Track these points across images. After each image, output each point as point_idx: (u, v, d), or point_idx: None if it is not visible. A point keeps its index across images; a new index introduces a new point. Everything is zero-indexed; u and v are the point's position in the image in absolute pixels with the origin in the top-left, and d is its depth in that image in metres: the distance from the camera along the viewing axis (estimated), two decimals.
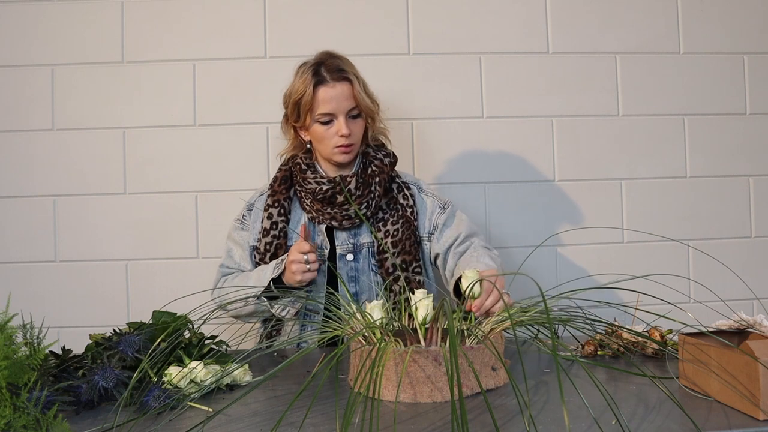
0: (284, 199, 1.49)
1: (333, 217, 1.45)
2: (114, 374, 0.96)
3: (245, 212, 1.55)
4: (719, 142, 1.99)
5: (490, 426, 0.80)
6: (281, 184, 1.51)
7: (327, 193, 1.44)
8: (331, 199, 1.45)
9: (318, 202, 1.47)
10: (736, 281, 1.72)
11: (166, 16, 1.89)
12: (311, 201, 1.47)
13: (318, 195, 1.45)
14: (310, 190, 1.46)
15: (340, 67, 1.45)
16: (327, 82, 1.42)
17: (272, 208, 1.48)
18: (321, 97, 1.42)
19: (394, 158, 1.55)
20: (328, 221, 1.46)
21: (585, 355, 1.17)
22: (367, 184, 1.47)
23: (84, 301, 1.86)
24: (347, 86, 1.44)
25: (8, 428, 0.78)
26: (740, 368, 0.81)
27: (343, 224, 1.46)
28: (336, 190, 1.44)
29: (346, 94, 1.43)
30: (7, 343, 0.86)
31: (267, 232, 1.46)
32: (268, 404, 0.95)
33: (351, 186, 1.45)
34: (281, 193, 1.50)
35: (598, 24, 1.97)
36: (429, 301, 1.03)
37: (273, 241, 1.46)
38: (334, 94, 1.42)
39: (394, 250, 1.45)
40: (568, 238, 1.89)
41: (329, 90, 1.42)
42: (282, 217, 1.48)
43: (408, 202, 1.50)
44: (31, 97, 1.87)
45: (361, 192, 1.46)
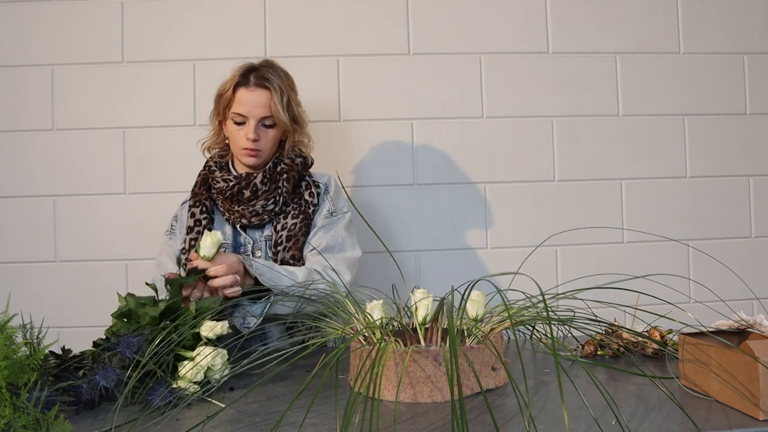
0: (205, 199, 1.52)
1: (242, 215, 1.47)
2: (115, 374, 0.96)
3: (173, 222, 1.58)
4: (719, 142, 1.99)
5: (490, 426, 0.80)
6: (201, 186, 1.54)
7: (233, 189, 1.46)
8: (238, 195, 1.47)
9: (227, 201, 1.49)
10: (736, 281, 1.72)
11: (166, 16, 1.89)
12: (222, 201, 1.50)
13: (226, 192, 1.47)
14: (219, 189, 1.49)
15: (266, 76, 1.46)
16: (248, 86, 1.45)
17: (194, 208, 1.51)
18: (238, 97, 1.46)
19: (310, 161, 1.57)
20: (239, 220, 1.48)
21: (585, 355, 1.17)
22: (273, 180, 1.49)
23: (84, 301, 1.86)
24: (265, 94, 1.45)
25: (8, 428, 0.78)
26: (740, 368, 0.81)
27: (252, 221, 1.48)
28: (242, 186, 1.47)
29: (263, 102, 1.45)
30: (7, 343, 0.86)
31: (191, 230, 1.49)
32: (268, 404, 0.95)
33: (257, 181, 1.47)
34: (201, 194, 1.53)
35: (598, 24, 1.97)
36: (429, 301, 1.03)
37: (197, 237, 1.47)
38: (251, 98, 1.45)
39: (287, 244, 1.45)
40: (568, 238, 1.89)
41: (247, 93, 1.45)
42: (204, 215, 1.50)
43: (313, 200, 1.51)
44: (31, 97, 1.87)
45: (267, 187, 1.48)
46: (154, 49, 1.88)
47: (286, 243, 1.45)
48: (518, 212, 1.94)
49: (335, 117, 1.91)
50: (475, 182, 1.94)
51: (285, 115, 1.46)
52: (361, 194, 1.92)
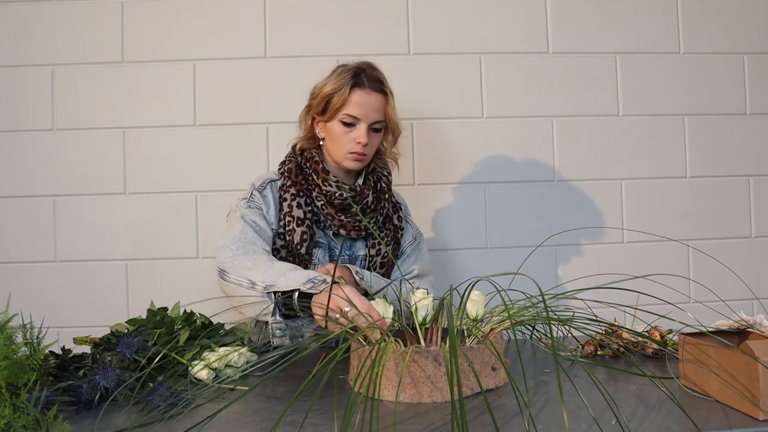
0: (306, 190, 1.43)
1: (343, 225, 1.42)
2: (115, 374, 0.96)
3: (255, 193, 1.42)
4: (719, 142, 1.99)
5: (490, 426, 0.80)
6: (297, 175, 1.44)
7: (346, 201, 1.41)
8: (348, 206, 1.42)
9: (331, 207, 1.43)
10: (736, 281, 1.72)
11: (166, 16, 1.89)
12: (323, 204, 1.43)
13: (335, 200, 1.41)
14: (326, 192, 1.42)
15: (380, 79, 1.43)
16: (365, 87, 1.40)
17: (299, 198, 1.40)
18: (354, 99, 1.40)
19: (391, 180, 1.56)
20: (337, 228, 1.43)
21: (585, 355, 1.17)
22: (378, 199, 1.47)
23: (84, 301, 1.86)
24: (381, 99, 1.42)
25: (8, 428, 0.78)
26: (740, 368, 0.81)
27: (350, 234, 1.44)
28: (355, 200, 1.42)
29: (378, 106, 1.41)
30: (7, 343, 0.86)
31: (302, 222, 1.38)
32: (268, 404, 0.95)
33: (369, 199, 1.45)
34: (301, 183, 1.43)
35: (598, 24, 1.97)
36: (429, 302, 1.03)
37: (308, 231, 1.39)
38: (368, 101, 1.40)
39: (380, 270, 1.46)
40: (568, 238, 1.89)
41: (364, 95, 1.40)
42: (310, 208, 1.41)
43: (400, 224, 1.52)
44: (31, 97, 1.87)
45: (374, 206, 1.46)
46: (154, 49, 1.88)
47: (380, 269, 1.46)
48: (518, 212, 1.94)
49: None
50: (475, 182, 1.94)
51: (396, 118, 1.44)
52: None
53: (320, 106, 1.43)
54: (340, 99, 1.39)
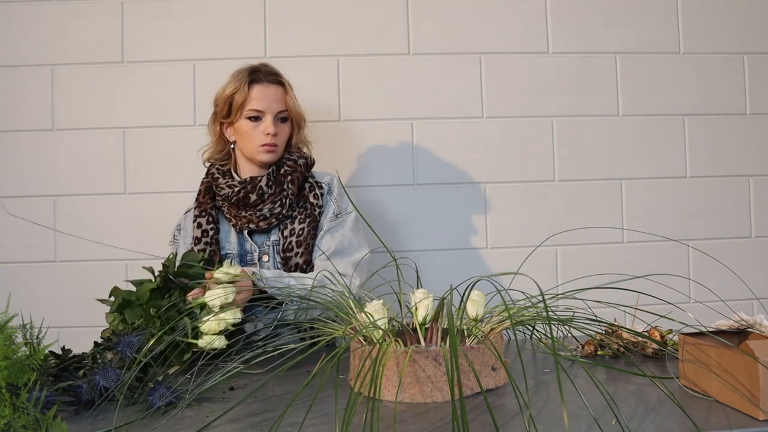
0: (210, 209, 1.52)
1: (250, 220, 1.47)
2: (115, 374, 0.95)
3: (175, 232, 1.58)
4: (719, 142, 1.99)
5: (490, 426, 0.80)
6: (205, 195, 1.53)
7: (239, 194, 1.46)
8: (244, 200, 1.47)
9: (234, 207, 1.49)
10: (736, 281, 1.72)
11: (166, 16, 1.89)
12: (228, 207, 1.50)
13: (231, 198, 1.47)
14: (224, 195, 1.49)
15: (275, 72, 1.51)
16: (262, 82, 1.48)
17: (200, 218, 1.50)
18: (254, 94, 1.47)
19: (312, 161, 1.57)
20: (247, 225, 1.48)
21: (585, 355, 1.17)
22: (279, 183, 1.49)
23: (84, 301, 1.86)
24: (280, 90, 1.50)
25: (8, 428, 0.78)
26: (740, 368, 0.81)
27: (260, 226, 1.47)
28: (247, 190, 1.47)
29: (278, 97, 1.49)
30: (7, 343, 0.86)
31: (198, 240, 1.48)
32: (268, 404, 0.95)
33: (262, 183, 1.47)
34: (206, 203, 1.52)
35: (598, 24, 1.97)
36: (429, 301, 1.03)
37: (206, 248, 1.47)
38: (267, 93, 1.48)
39: (298, 249, 1.46)
40: (568, 238, 1.89)
41: (263, 89, 1.48)
42: (211, 225, 1.50)
43: (318, 201, 1.51)
44: (31, 97, 1.87)
45: (273, 190, 1.48)
46: (154, 49, 1.88)
47: (296, 248, 1.46)
48: (518, 212, 1.94)
49: (335, 117, 1.91)
50: (475, 182, 1.94)
51: (298, 108, 1.51)
52: (361, 194, 1.92)
53: (224, 110, 1.50)
54: (241, 97, 1.47)
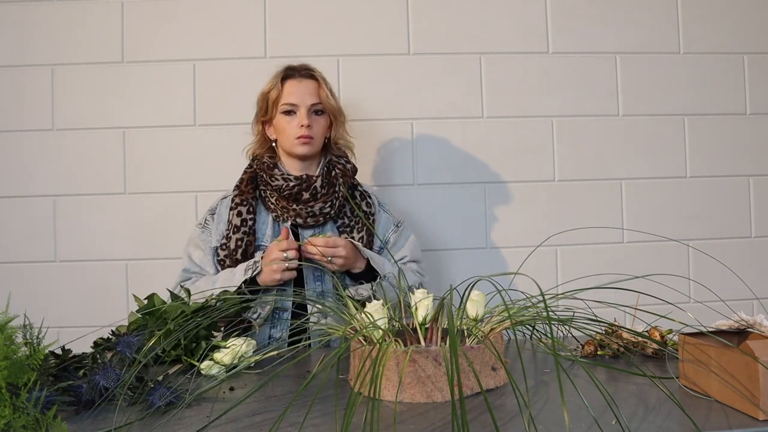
0: (251, 199, 1.53)
1: (298, 214, 1.49)
2: (115, 374, 0.95)
3: (207, 216, 1.58)
4: (719, 142, 1.99)
5: (490, 426, 0.80)
6: (248, 185, 1.54)
7: (293, 190, 1.48)
8: (297, 195, 1.49)
9: (283, 200, 1.50)
10: (736, 281, 1.72)
11: (166, 16, 1.89)
12: (276, 199, 1.51)
13: (284, 192, 1.49)
14: (276, 187, 1.50)
15: (310, 68, 1.55)
16: (294, 77, 1.53)
17: (241, 206, 1.52)
18: (287, 89, 1.52)
19: (355, 169, 1.61)
20: (293, 218, 1.50)
21: (585, 355, 1.17)
22: (331, 184, 1.53)
23: (84, 301, 1.86)
24: (313, 83, 1.53)
25: (8, 428, 0.78)
26: (740, 368, 0.81)
27: (307, 221, 1.50)
28: (303, 187, 1.49)
29: (311, 90, 1.52)
30: (7, 343, 0.86)
31: (237, 229, 1.49)
32: (268, 404, 0.95)
33: (317, 184, 1.50)
34: (248, 192, 1.53)
35: (598, 24, 1.97)
36: (429, 301, 1.03)
37: (244, 237, 1.49)
38: (300, 87, 1.51)
39: None
40: (568, 238, 1.89)
41: (295, 83, 1.52)
42: (251, 215, 1.51)
43: (371, 210, 1.57)
44: (31, 97, 1.87)
45: (326, 191, 1.51)
46: (154, 49, 1.88)
47: None
48: (518, 212, 1.94)
49: None
50: (475, 182, 1.94)
51: (333, 101, 1.53)
52: None
53: (263, 109, 1.55)
54: (275, 93, 1.52)
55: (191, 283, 1.51)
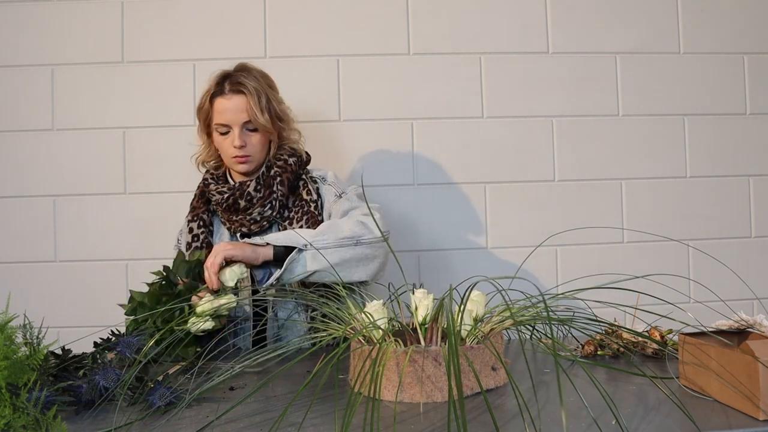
0: (203, 213, 1.53)
1: (241, 224, 1.48)
2: (115, 374, 0.96)
3: (178, 235, 1.59)
4: (719, 142, 1.99)
5: (490, 426, 0.80)
6: (199, 200, 1.54)
7: (228, 201, 1.46)
8: (234, 205, 1.46)
9: (225, 212, 1.49)
10: (736, 281, 1.72)
11: (166, 16, 1.89)
12: (221, 212, 1.50)
13: (222, 204, 1.47)
14: (216, 201, 1.49)
15: (240, 81, 1.44)
16: (224, 94, 1.45)
17: (192, 223, 1.52)
18: (216, 107, 1.46)
19: (307, 157, 1.56)
20: (239, 228, 1.49)
21: (585, 355, 1.17)
22: (268, 185, 1.48)
23: (84, 301, 1.86)
24: (242, 99, 1.44)
25: (8, 428, 0.78)
26: (740, 368, 0.81)
27: (252, 229, 1.48)
28: (236, 196, 1.46)
29: (241, 107, 1.44)
30: (7, 343, 0.86)
31: (189, 246, 1.49)
32: (268, 404, 0.95)
33: (250, 189, 1.46)
34: (199, 207, 1.53)
35: (598, 24, 1.97)
36: (429, 301, 1.03)
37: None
38: (229, 105, 1.44)
39: None
40: (568, 238, 1.89)
41: (225, 101, 1.45)
42: (202, 229, 1.51)
43: (312, 196, 1.50)
44: (31, 97, 1.87)
45: (262, 194, 1.47)
46: (154, 49, 1.88)
47: None
48: (518, 212, 1.94)
49: (335, 117, 1.91)
50: (475, 182, 1.94)
51: (264, 116, 1.44)
52: None
53: (200, 122, 1.51)
54: (206, 111, 1.48)
55: None
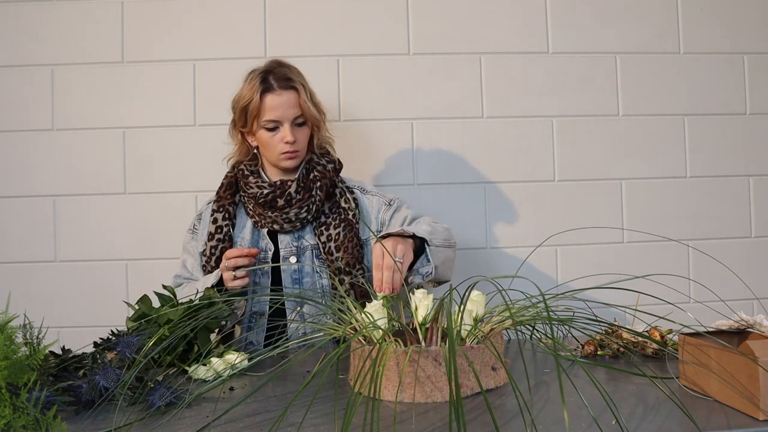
0: (229, 204, 1.53)
1: (274, 221, 1.48)
2: (115, 374, 0.96)
3: (195, 221, 1.59)
4: (719, 142, 1.99)
5: (490, 426, 0.80)
6: (226, 190, 1.54)
7: (268, 197, 1.47)
8: (272, 203, 1.48)
9: (260, 207, 1.49)
10: (736, 281, 1.72)
11: (166, 16, 1.89)
12: (253, 206, 1.51)
13: (259, 199, 1.48)
14: (252, 195, 1.49)
15: (288, 76, 1.47)
16: (274, 90, 1.46)
17: (217, 213, 1.52)
18: (267, 104, 1.46)
19: (339, 165, 1.58)
20: (270, 225, 1.49)
21: (585, 355, 1.17)
22: (308, 189, 1.50)
23: (84, 301, 1.86)
24: (293, 95, 1.47)
25: (8, 428, 0.78)
26: (740, 368, 0.81)
27: (284, 227, 1.49)
28: (276, 194, 1.47)
29: (292, 103, 1.46)
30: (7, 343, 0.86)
31: (212, 237, 1.50)
32: (268, 404, 0.95)
33: (291, 190, 1.48)
34: (226, 198, 1.53)
35: (598, 24, 1.97)
36: (429, 301, 1.03)
37: (218, 245, 1.49)
38: (281, 101, 1.45)
39: (337, 254, 1.46)
40: (568, 238, 1.89)
41: (276, 98, 1.46)
42: (227, 221, 1.51)
43: (350, 205, 1.52)
44: (31, 97, 1.87)
45: (301, 196, 1.49)
46: (154, 49, 1.88)
47: (336, 253, 1.46)
48: (518, 212, 1.94)
49: (335, 117, 1.91)
50: (475, 182, 1.94)
51: (314, 109, 1.49)
52: None
53: (241, 120, 1.51)
54: (254, 108, 1.47)
55: (180, 288, 1.52)
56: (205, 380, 1.09)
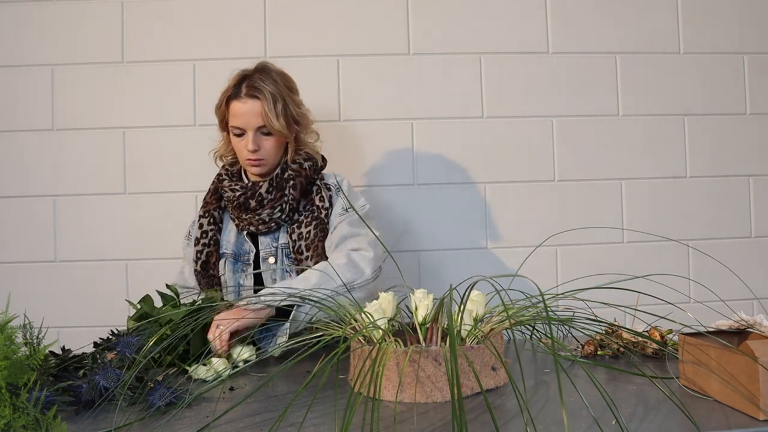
0: (214, 209, 1.54)
1: (250, 223, 1.48)
2: (115, 374, 0.96)
3: (190, 227, 1.59)
4: (719, 142, 1.99)
5: (490, 426, 0.80)
6: (212, 195, 1.56)
7: (240, 199, 1.47)
8: (245, 204, 1.47)
9: (236, 209, 1.50)
10: (736, 281, 1.71)
11: (166, 16, 1.89)
12: (231, 209, 1.51)
13: (233, 201, 1.48)
14: (227, 198, 1.50)
15: (256, 85, 1.44)
16: (239, 97, 1.45)
17: (203, 219, 1.53)
18: (232, 110, 1.46)
19: (324, 161, 1.57)
20: (247, 227, 1.49)
21: (585, 355, 1.17)
22: (280, 188, 1.48)
23: (84, 301, 1.86)
24: (257, 104, 1.43)
25: (8, 428, 0.78)
26: (740, 368, 0.81)
27: (259, 229, 1.49)
28: (248, 195, 1.47)
29: (256, 112, 1.44)
30: (7, 343, 0.86)
31: (198, 241, 1.51)
32: (268, 404, 0.95)
33: (262, 190, 1.47)
34: (212, 204, 1.55)
35: (598, 24, 1.97)
36: (429, 301, 1.03)
37: (203, 249, 1.50)
38: (244, 110, 1.44)
39: (307, 253, 1.45)
40: (568, 238, 1.89)
41: (240, 105, 1.45)
42: (212, 226, 1.52)
43: (324, 204, 1.50)
44: (31, 97, 1.87)
45: (273, 196, 1.47)
46: (154, 49, 1.88)
47: (306, 252, 1.45)
48: (518, 212, 1.94)
49: (335, 117, 1.91)
50: (475, 182, 1.94)
51: (279, 122, 1.44)
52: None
53: (218, 119, 1.52)
54: (222, 112, 1.49)
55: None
56: (205, 380, 1.09)
